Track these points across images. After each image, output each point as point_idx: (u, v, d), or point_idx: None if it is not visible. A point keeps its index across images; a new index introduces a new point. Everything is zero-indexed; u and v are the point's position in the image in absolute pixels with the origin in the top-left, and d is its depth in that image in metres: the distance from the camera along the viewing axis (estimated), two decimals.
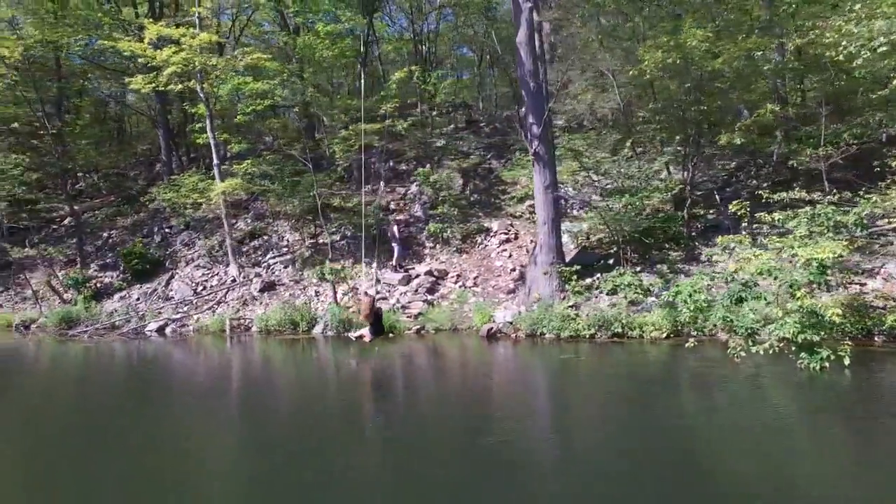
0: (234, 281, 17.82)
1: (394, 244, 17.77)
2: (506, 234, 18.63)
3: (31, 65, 20.93)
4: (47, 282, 18.84)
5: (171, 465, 6.45)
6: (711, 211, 14.67)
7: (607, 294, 13.53)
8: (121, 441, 7.31)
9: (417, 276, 17.14)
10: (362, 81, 15.72)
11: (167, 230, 21.17)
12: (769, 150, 16.21)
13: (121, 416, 8.65)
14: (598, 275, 14.37)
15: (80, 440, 7.47)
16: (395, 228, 18.00)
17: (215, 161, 18.47)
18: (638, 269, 14.19)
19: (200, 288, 17.95)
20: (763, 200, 10.85)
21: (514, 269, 16.88)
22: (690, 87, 13.72)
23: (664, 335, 11.72)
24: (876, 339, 10.73)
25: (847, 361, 8.35)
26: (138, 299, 17.91)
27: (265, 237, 19.95)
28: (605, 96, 18.14)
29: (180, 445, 7.13)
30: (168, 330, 16.08)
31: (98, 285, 18.70)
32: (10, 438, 7.78)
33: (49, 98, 22.64)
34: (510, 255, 17.67)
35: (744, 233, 13.30)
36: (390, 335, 14.20)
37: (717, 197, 15.53)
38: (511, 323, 13.69)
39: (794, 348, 8.88)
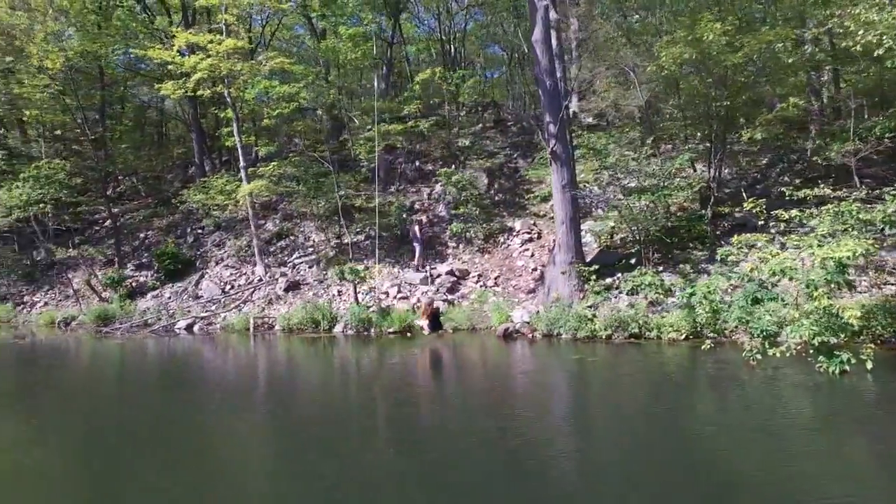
0: (260, 280, 18.27)
1: (415, 244, 17.91)
2: (528, 233, 18.52)
3: (75, 74, 22.02)
4: (87, 281, 19.71)
5: (200, 460, 6.64)
6: (738, 209, 14.22)
7: (627, 294, 13.28)
8: (150, 433, 7.60)
9: (439, 275, 17.21)
10: (377, 83, 15.88)
11: (199, 231, 21.88)
12: (803, 146, 15.63)
13: (149, 410, 9.00)
14: (619, 274, 14.13)
15: (114, 434, 7.74)
16: (417, 228, 18.12)
17: (242, 163, 18.99)
18: (660, 268, 13.89)
19: (228, 287, 18.47)
20: (787, 198, 10.49)
21: (535, 269, 16.77)
22: (712, 82, 13.33)
23: (682, 336, 11.43)
24: None
25: (870, 365, 8.01)
26: (170, 298, 18.58)
27: (292, 237, 20.38)
28: (630, 93, 17.82)
29: (207, 439, 7.35)
30: (196, 328, 16.61)
31: (133, 284, 19.48)
32: (47, 428, 8.18)
33: (92, 105, 23.76)
34: (532, 255, 17.56)
35: (772, 231, 12.94)
36: (408, 334, 14.39)
37: (744, 195, 15.04)
38: (528, 323, 13.61)
39: (811, 351, 8.57)
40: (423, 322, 14.21)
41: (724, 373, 9.34)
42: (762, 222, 10.29)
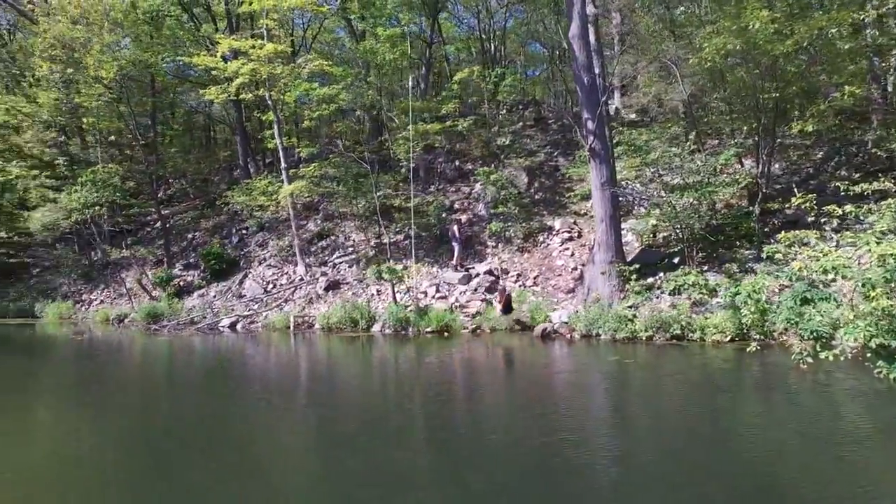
0: (301, 280, 18.57)
1: (454, 243, 17.84)
2: (568, 232, 18.20)
3: (128, 82, 22.97)
4: (138, 280, 20.52)
5: (239, 456, 6.75)
6: (788, 205, 13.53)
7: (669, 294, 12.84)
8: (194, 429, 7.81)
9: (477, 275, 17.10)
10: (411, 83, 15.86)
11: (244, 231, 22.45)
12: (862, 138, 14.75)
13: (194, 405, 9.27)
14: (661, 274, 13.69)
15: (160, 429, 7.94)
16: (456, 228, 18.05)
17: (283, 165, 19.37)
18: (704, 268, 13.37)
19: (270, 286, 18.86)
20: (844, 193, 9.88)
21: (575, 268, 16.45)
22: (759, 73, 12.69)
23: (727, 338, 10.94)
24: None
25: None
26: (215, 297, 19.12)
27: (332, 237, 20.64)
28: (673, 87, 17.22)
29: (248, 436, 7.46)
30: (239, 326, 17.04)
31: (181, 283, 20.15)
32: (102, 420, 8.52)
33: (144, 112, 24.75)
34: (572, 254, 17.23)
35: (826, 228, 12.25)
36: (445, 334, 14.35)
37: (796, 190, 14.31)
38: (566, 323, 13.36)
39: (869, 355, 8.04)
40: (498, 306, 15.22)
41: (770, 376, 8.88)
42: (813, 218, 9.72)
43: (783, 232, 9.36)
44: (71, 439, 7.49)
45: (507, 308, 15.16)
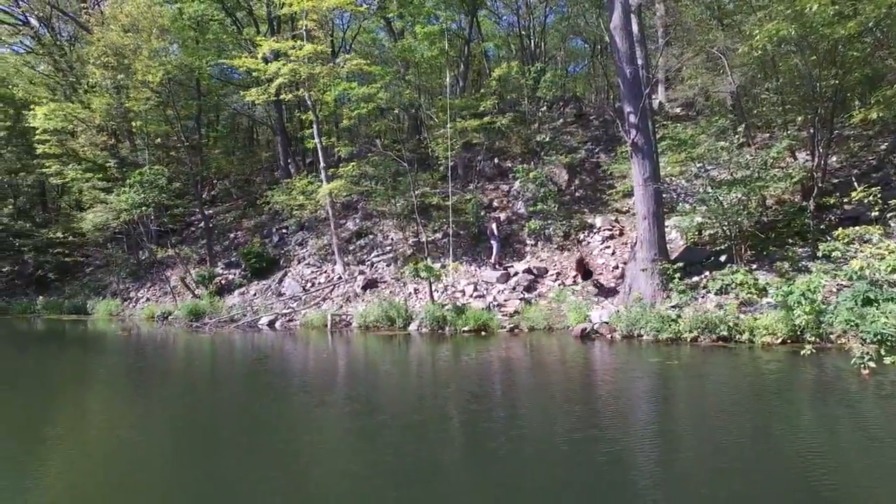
0: (339, 278, 18.66)
1: (492, 241, 17.63)
2: (609, 230, 17.74)
3: (174, 86, 23.64)
4: (182, 279, 21.03)
5: (272, 452, 6.74)
6: (847, 199, 12.73)
7: (715, 294, 12.27)
8: (231, 426, 7.83)
9: (516, 273, 16.84)
10: (448, 80, 15.69)
11: (284, 231, 22.76)
12: None
13: (233, 402, 9.34)
14: (707, 273, 13.11)
15: (200, 427, 8.02)
16: (494, 226, 17.83)
17: (321, 164, 19.52)
18: (754, 266, 12.72)
19: (309, 285, 19.02)
20: None
21: (616, 267, 16.01)
22: (816, 59, 11.94)
23: (778, 340, 10.32)
24: None
25: None
26: (255, 295, 19.41)
27: (371, 236, 20.69)
28: (721, 79, 16.50)
29: (283, 432, 7.45)
30: (277, 324, 17.21)
31: (222, 282, 20.54)
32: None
33: (189, 115, 25.43)
34: (613, 252, 16.76)
35: (891, 223, 11.47)
36: (483, 333, 14.13)
37: (856, 184, 13.46)
38: (607, 323, 12.94)
39: None
40: (578, 276, 15.96)
41: (825, 381, 8.28)
42: (877, 214, 9.05)
43: (841, 228, 8.75)
44: (118, 429, 7.64)
45: (587, 274, 15.76)
